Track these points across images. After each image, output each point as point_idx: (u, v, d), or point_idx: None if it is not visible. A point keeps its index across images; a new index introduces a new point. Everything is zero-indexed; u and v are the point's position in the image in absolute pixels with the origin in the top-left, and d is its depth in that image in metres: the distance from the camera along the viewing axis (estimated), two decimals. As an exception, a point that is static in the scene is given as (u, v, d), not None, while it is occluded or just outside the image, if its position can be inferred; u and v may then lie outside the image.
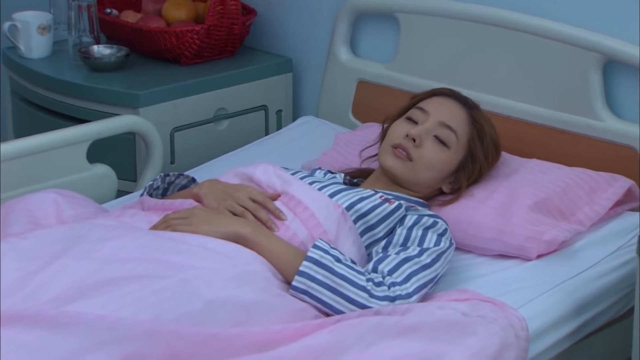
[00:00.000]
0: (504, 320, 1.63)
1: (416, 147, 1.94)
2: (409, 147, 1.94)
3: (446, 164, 1.97)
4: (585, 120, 2.17)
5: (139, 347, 1.39)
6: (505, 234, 1.92)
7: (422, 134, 1.95)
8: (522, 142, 2.23)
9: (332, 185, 1.87)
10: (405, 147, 1.95)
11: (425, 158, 1.94)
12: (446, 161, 1.96)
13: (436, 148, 1.95)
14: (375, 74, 2.55)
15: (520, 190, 2.00)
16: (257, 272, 1.61)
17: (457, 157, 1.97)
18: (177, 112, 2.49)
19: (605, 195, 2.03)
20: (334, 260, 1.66)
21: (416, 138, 1.94)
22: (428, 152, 1.95)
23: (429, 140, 1.95)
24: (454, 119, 1.98)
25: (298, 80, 2.82)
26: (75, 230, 1.62)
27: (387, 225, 1.84)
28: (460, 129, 1.98)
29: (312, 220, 1.75)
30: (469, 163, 1.99)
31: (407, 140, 1.95)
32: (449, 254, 1.83)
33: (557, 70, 2.20)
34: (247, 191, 1.78)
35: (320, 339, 1.54)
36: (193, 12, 2.71)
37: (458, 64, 2.38)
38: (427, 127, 1.96)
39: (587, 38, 2.14)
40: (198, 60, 2.65)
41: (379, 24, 2.58)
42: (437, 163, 1.95)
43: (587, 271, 1.88)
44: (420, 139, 1.94)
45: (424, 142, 1.95)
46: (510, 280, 1.86)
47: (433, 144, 1.95)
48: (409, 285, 1.70)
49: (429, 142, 1.95)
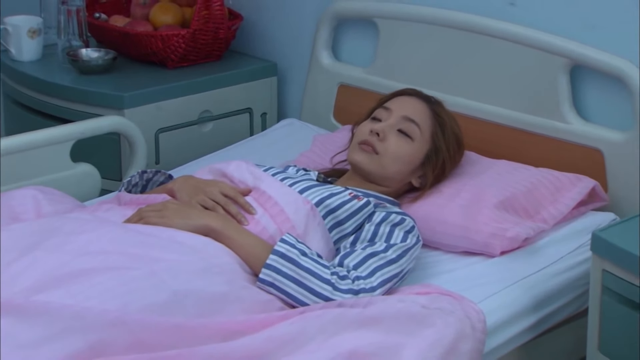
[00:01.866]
0: (461, 312, 1.70)
1: (381, 141, 2.02)
2: (374, 142, 2.02)
3: (412, 156, 2.03)
4: (553, 122, 2.23)
5: (104, 336, 1.45)
6: (470, 231, 1.99)
7: (385, 128, 2.03)
8: (492, 144, 2.30)
9: (303, 182, 1.94)
10: (370, 142, 2.02)
11: (391, 151, 2.01)
12: (411, 153, 2.03)
13: (401, 141, 2.02)
14: (355, 77, 2.63)
15: (487, 189, 2.06)
16: (224, 265, 1.68)
17: (422, 149, 2.04)
18: (162, 113, 2.57)
19: (569, 195, 2.09)
20: (300, 254, 1.73)
21: (380, 132, 2.01)
22: (393, 145, 2.02)
23: (393, 134, 2.03)
24: (416, 113, 2.05)
25: (283, 84, 2.89)
26: (50, 224, 1.69)
27: (356, 221, 1.91)
28: (423, 122, 2.05)
29: (281, 215, 1.82)
30: (433, 155, 2.06)
31: (371, 136, 2.02)
32: (415, 250, 1.89)
33: (526, 74, 2.27)
34: (218, 186, 1.85)
35: (284, 329, 1.61)
36: (180, 17, 2.78)
37: (433, 67, 2.45)
38: (391, 122, 2.04)
39: (555, 43, 2.21)
40: (184, 64, 2.73)
41: (359, 29, 2.66)
42: (402, 155, 2.02)
43: (548, 268, 1.94)
44: (384, 133, 2.02)
45: (388, 136, 2.02)
46: (474, 275, 1.93)
47: (397, 137, 2.02)
48: (373, 279, 1.77)
49: (393, 135, 2.02)
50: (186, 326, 1.53)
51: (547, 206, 2.07)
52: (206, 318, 1.57)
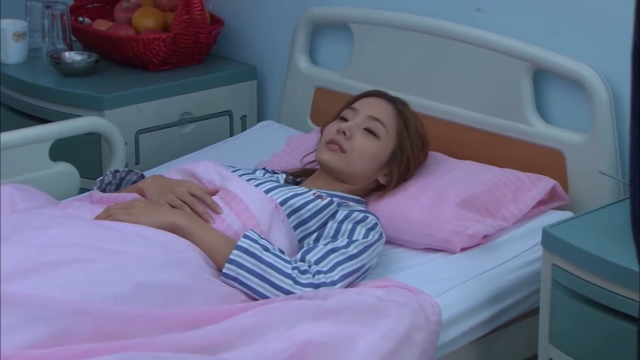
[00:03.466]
0: (416, 304, 1.77)
1: (347, 140, 2.09)
2: (341, 140, 2.09)
3: (378, 154, 2.11)
4: (517, 124, 2.31)
5: (67, 325, 1.52)
6: (433, 229, 2.06)
7: (352, 127, 2.10)
8: (459, 145, 2.38)
9: (268, 183, 2.02)
10: (337, 141, 2.09)
11: (357, 149, 2.09)
12: (377, 150, 2.10)
13: (367, 139, 2.10)
14: (331, 81, 2.70)
15: (451, 188, 2.14)
16: (188, 259, 1.75)
17: (388, 147, 2.12)
18: (142, 115, 2.64)
19: (529, 194, 2.16)
20: (262, 249, 1.80)
21: (346, 131, 2.09)
22: (359, 143, 2.09)
23: (360, 132, 2.10)
24: (382, 112, 2.13)
25: (262, 87, 2.97)
26: (20, 219, 1.76)
27: (320, 219, 1.98)
28: (389, 121, 2.12)
29: (246, 213, 1.90)
30: (398, 153, 2.13)
31: (338, 135, 2.10)
32: (378, 246, 1.97)
33: (492, 78, 2.35)
34: (186, 186, 1.93)
35: (244, 319, 1.68)
36: (162, 21, 2.86)
37: (404, 71, 2.52)
38: (357, 121, 2.11)
39: (519, 48, 2.28)
40: (166, 67, 2.80)
41: (334, 34, 2.73)
42: (368, 152, 2.10)
43: (504, 264, 2.02)
44: (350, 131, 2.09)
45: (354, 135, 2.10)
46: (434, 271, 2.00)
47: (363, 136, 2.10)
48: (334, 274, 1.84)
49: (359, 134, 2.10)
50: (148, 316, 1.60)
51: (508, 205, 2.14)
52: (169, 309, 1.65)
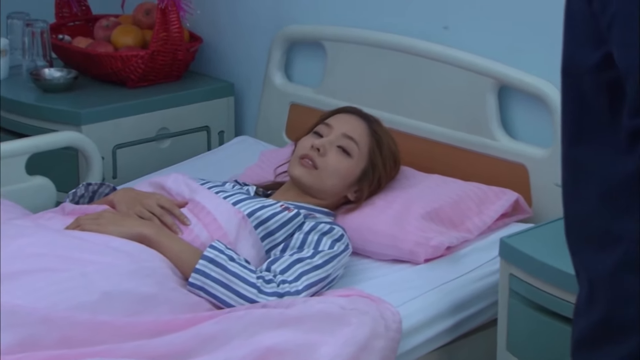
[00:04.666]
0: (377, 312, 1.82)
1: (321, 156, 2.15)
2: (314, 157, 2.15)
3: (349, 172, 2.16)
4: (483, 139, 2.37)
5: (33, 332, 1.58)
6: (398, 240, 2.12)
7: (325, 144, 2.16)
8: (426, 159, 2.44)
9: (237, 195, 2.07)
10: (310, 157, 2.15)
11: (330, 166, 2.15)
12: (349, 169, 2.16)
13: (339, 157, 2.16)
14: (305, 97, 2.76)
15: (416, 201, 2.19)
16: (155, 269, 1.81)
17: (359, 165, 2.17)
18: (119, 130, 2.70)
19: (493, 207, 2.22)
20: (228, 259, 1.86)
21: (320, 148, 2.14)
22: (332, 160, 2.15)
23: (333, 150, 2.16)
24: (355, 130, 2.19)
25: (240, 103, 3.03)
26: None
27: (286, 231, 2.04)
28: (361, 139, 2.18)
29: (213, 224, 1.96)
30: (370, 172, 2.19)
31: (312, 151, 2.15)
32: (343, 257, 2.02)
33: (458, 94, 2.41)
34: (156, 198, 1.98)
35: (208, 327, 1.74)
36: (140, 38, 2.92)
37: (375, 87, 2.58)
38: (331, 138, 2.17)
39: (484, 65, 2.35)
40: (144, 84, 2.86)
41: (309, 51, 2.80)
42: (340, 170, 2.15)
43: (466, 275, 2.07)
44: (324, 148, 2.15)
45: (328, 152, 2.15)
46: (398, 281, 2.06)
47: (337, 153, 2.16)
48: (299, 283, 1.90)
49: (332, 151, 2.16)
50: (114, 324, 1.65)
51: (472, 217, 2.20)
52: (135, 317, 1.70)
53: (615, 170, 1.14)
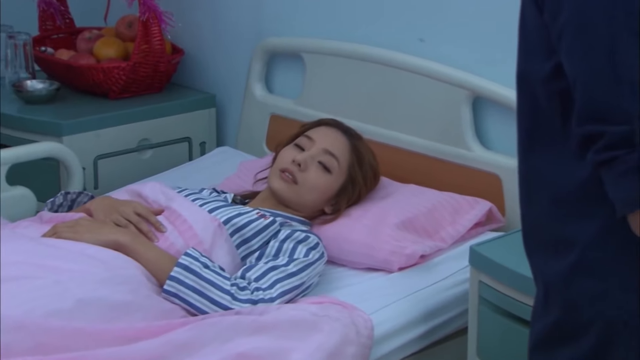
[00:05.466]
0: (348, 319, 1.85)
1: (301, 172, 2.18)
2: (295, 171, 2.18)
3: (328, 188, 2.20)
4: (457, 150, 2.40)
5: (7, 339, 1.59)
6: (373, 249, 2.15)
7: (307, 159, 2.19)
8: (403, 169, 2.47)
9: (213, 202, 2.10)
10: (291, 171, 2.18)
11: (309, 182, 2.18)
12: (328, 185, 2.20)
13: (319, 173, 2.19)
14: (285, 108, 2.80)
15: (391, 211, 2.23)
16: (130, 276, 1.83)
17: (338, 181, 2.21)
18: (100, 141, 2.73)
19: (467, 216, 2.26)
20: (202, 266, 1.89)
21: (301, 163, 2.18)
22: (312, 176, 2.18)
23: (314, 165, 2.19)
24: (336, 146, 2.22)
25: (221, 115, 3.06)
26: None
27: (262, 238, 2.07)
28: (342, 156, 2.21)
29: (189, 232, 1.98)
30: (349, 187, 2.22)
31: (293, 165, 2.18)
32: (318, 265, 2.05)
33: (434, 105, 2.45)
34: (132, 206, 2.01)
35: (181, 334, 1.76)
36: (122, 50, 2.95)
37: (353, 98, 2.62)
38: (312, 153, 2.20)
39: (459, 77, 2.39)
40: (126, 95, 2.89)
41: (288, 63, 2.83)
42: (320, 186, 2.19)
43: (439, 283, 2.10)
44: (305, 164, 2.18)
45: (308, 167, 2.18)
46: (372, 289, 2.08)
47: (317, 169, 2.19)
48: (273, 290, 1.93)
49: (313, 167, 2.19)
50: (87, 331, 1.68)
51: (446, 226, 2.23)
52: (109, 324, 1.72)
53: (567, 177, 1.18)
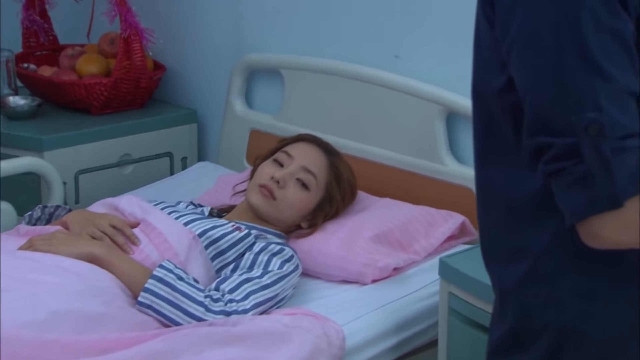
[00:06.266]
0: (320, 330, 1.88)
1: (280, 188, 2.21)
2: (274, 188, 2.21)
3: (306, 204, 2.24)
4: (432, 164, 2.44)
5: (-19, 350, 1.63)
6: (347, 262, 2.18)
7: (285, 176, 2.22)
8: (379, 183, 2.51)
9: (189, 215, 2.14)
10: (270, 188, 2.21)
11: (288, 198, 2.21)
12: (306, 202, 2.23)
13: (297, 190, 2.22)
14: (265, 124, 2.83)
15: (366, 224, 2.26)
16: (104, 288, 1.86)
17: (316, 198, 2.25)
18: (81, 156, 2.76)
19: (441, 229, 2.29)
20: (176, 278, 1.91)
21: (280, 180, 2.21)
22: (290, 193, 2.22)
23: (292, 182, 2.22)
24: (315, 164, 2.25)
25: (203, 130, 3.10)
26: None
27: (237, 250, 2.10)
28: (320, 173, 2.25)
29: (164, 244, 2.01)
30: (326, 203, 2.26)
31: (272, 182, 2.22)
32: (292, 277, 2.08)
33: (409, 120, 2.48)
34: (108, 219, 2.04)
35: (154, 345, 1.78)
36: (104, 67, 2.99)
37: (331, 113, 2.66)
38: (291, 170, 2.23)
39: (433, 92, 2.43)
40: (108, 111, 2.92)
41: (268, 79, 2.87)
42: (297, 203, 2.22)
43: (412, 295, 2.13)
44: (284, 181, 2.21)
45: (287, 184, 2.22)
46: (345, 301, 2.11)
47: (295, 186, 2.22)
48: (247, 302, 1.96)
49: (291, 184, 2.22)
50: (60, 342, 1.70)
51: (419, 239, 2.27)
52: (82, 335, 1.75)
53: (521, 188, 1.21)
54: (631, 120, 1.10)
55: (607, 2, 1.08)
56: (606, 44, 1.09)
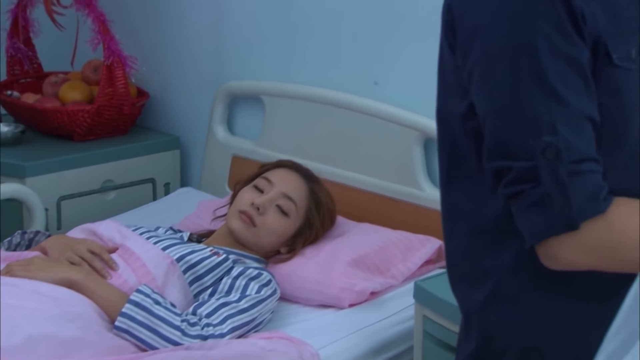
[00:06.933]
0: (295, 353, 1.90)
1: (260, 215, 2.23)
2: (254, 215, 2.23)
3: (286, 231, 2.26)
4: (410, 189, 2.47)
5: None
6: (324, 286, 2.20)
7: (265, 203, 2.24)
8: (358, 208, 2.53)
9: (168, 240, 2.16)
10: (250, 214, 2.24)
11: (268, 225, 2.23)
12: (286, 228, 2.26)
13: (277, 216, 2.24)
14: (246, 149, 2.86)
15: (344, 249, 2.28)
16: (81, 313, 1.87)
17: (295, 224, 2.27)
18: (64, 182, 2.78)
19: (418, 254, 2.32)
20: (153, 302, 1.93)
21: (260, 207, 2.23)
22: (270, 220, 2.24)
23: (272, 209, 2.24)
24: (295, 190, 2.28)
25: (185, 156, 3.12)
26: None
27: (215, 275, 2.12)
28: (300, 200, 2.27)
29: (142, 269, 2.03)
30: (305, 229, 2.28)
31: (252, 208, 2.24)
32: (270, 302, 2.10)
33: (387, 146, 2.51)
34: (86, 244, 2.06)
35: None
36: (88, 94, 3.01)
37: (310, 139, 2.69)
38: (271, 196, 2.25)
39: (410, 118, 2.46)
40: (91, 137, 2.95)
41: (249, 105, 2.90)
42: (277, 230, 2.24)
43: (388, 318, 2.15)
44: (264, 207, 2.24)
45: (267, 211, 2.24)
46: (322, 324, 2.13)
47: (275, 213, 2.24)
48: (224, 326, 1.97)
49: (271, 210, 2.24)
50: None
51: (397, 264, 2.29)
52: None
53: (484, 211, 1.24)
54: (587, 144, 1.13)
55: (562, 29, 1.11)
56: (562, 70, 1.12)
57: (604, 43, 1.14)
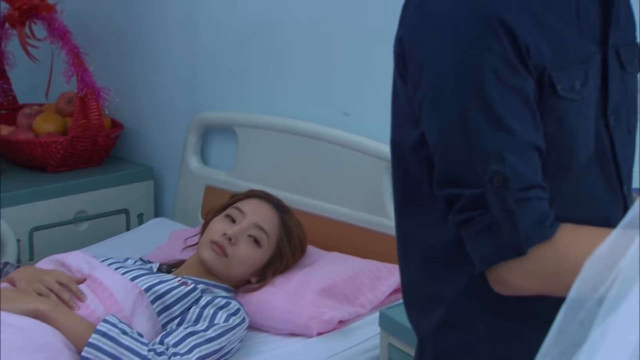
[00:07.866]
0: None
1: (232, 245, 2.25)
2: (225, 245, 2.25)
3: (257, 261, 2.28)
4: (379, 219, 2.49)
5: None
6: (293, 315, 2.22)
7: (237, 233, 2.26)
8: (328, 238, 2.55)
9: (136, 270, 2.17)
10: (221, 245, 2.25)
11: (239, 255, 2.25)
12: (257, 258, 2.27)
13: (249, 247, 2.26)
14: (219, 180, 2.88)
15: (314, 277, 2.30)
16: (47, 343, 1.88)
17: (266, 255, 2.29)
18: (36, 213, 2.79)
19: (387, 283, 2.33)
20: (120, 332, 1.94)
21: (232, 237, 2.25)
22: (242, 250, 2.25)
23: (244, 239, 2.26)
24: (266, 221, 2.30)
25: (159, 186, 3.14)
26: None
27: (183, 305, 2.13)
28: (272, 230, 2.29)
29: (110, 299, 2.04)
30: (277, 259, 2.30)
31: (224, 238, 2.25)
32: (238, 331, 2.11)
33: (357, 176, 2.54)
34: (54, 275, 2.07)
35: (97, 398, 1.81)
36: (61, 126, 3.03)
37: (282, 170, 2.71)
38: (243, 227, 2.27)
39: (379, 148, 2.48)
40: (64, 168, 2.96)
41: (222, 136, 2.93)
42: (249, 260, 2.26)
43: (356, 347, 2.17)
44: (235, 238, 2.25)
45: (239, 241, 2.26)
46: (290, 353, 2.15)
47: (247, 243, 2.26)
48: (191, 355, 1.98)
49: (243, 241, 2.26)
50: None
51: (365, 293, 2.31)
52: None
53: (436, 238, 1.26)
54: (533, 172, 1.15)
55: (508, 61, 1.14)
56: (508, 100, 1.15)
57: (548, 75, 1.17)
